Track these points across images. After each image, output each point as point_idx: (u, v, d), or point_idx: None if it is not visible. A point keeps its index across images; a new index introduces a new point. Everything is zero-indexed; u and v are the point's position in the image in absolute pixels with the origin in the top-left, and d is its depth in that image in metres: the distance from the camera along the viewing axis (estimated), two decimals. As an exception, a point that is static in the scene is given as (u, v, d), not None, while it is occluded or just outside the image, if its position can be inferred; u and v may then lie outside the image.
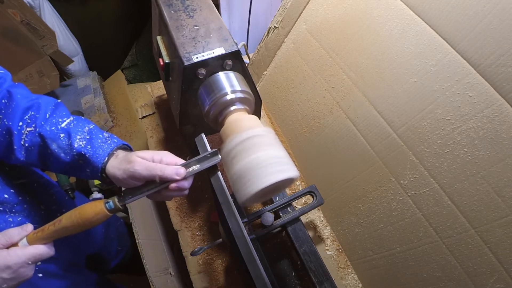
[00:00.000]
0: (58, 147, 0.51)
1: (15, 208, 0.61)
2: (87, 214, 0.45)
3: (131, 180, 0.47)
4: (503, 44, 0.47)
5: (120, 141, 0.54)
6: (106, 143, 0.52)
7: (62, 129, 0.52)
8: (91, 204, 0.46)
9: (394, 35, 0.62)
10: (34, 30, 1.32)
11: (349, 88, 0.71)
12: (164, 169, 0.46)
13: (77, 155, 0.51)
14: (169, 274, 0.89)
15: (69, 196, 0.97)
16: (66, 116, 0.54)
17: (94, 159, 0.50)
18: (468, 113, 0.52)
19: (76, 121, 0.54)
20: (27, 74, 1.42)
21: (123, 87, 1.70)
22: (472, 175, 0.52)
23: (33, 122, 0.52)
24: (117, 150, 0.52)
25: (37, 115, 0.52)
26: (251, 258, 0.46)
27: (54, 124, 0.52)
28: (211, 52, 0.57)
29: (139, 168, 0.46)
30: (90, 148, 0.50)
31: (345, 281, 0.75)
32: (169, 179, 0.47)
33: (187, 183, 0.49)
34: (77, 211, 0.45)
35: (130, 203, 0.48)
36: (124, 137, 1.54)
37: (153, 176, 0.46)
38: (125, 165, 0.48)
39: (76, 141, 0.51)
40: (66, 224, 0.45)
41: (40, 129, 0.51)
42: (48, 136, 0.51)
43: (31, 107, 0.53)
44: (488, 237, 0.51)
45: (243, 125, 0.51)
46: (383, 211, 0.67)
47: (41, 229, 0.46)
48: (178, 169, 0.47)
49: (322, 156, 0.80)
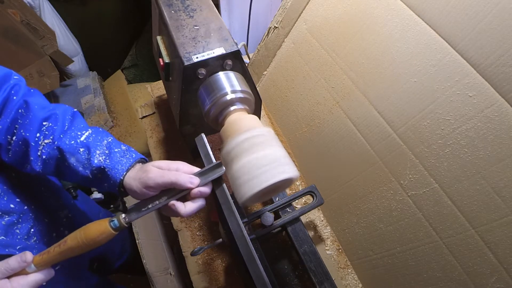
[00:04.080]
0: (77, 161, 0.50)
1: (22, 218, 0.60)
2: (92, 234, 0.44)
3: (146, 190, 0.46)
4: (503, 44, 0.47)
5: (138, 154, 0.53)
6: (125, 157, 0.51)
7: (82, 143, 0.51)
8: (95, 223, 0.45)
9: (394, 35, 0.62)
10: (34, 30, 1.32)
11: (349, 88, 0.71)
12: (178, 176, 0.45)
13: (96, 169, 0.50)
14: (169, 274, 0.89)
15: (72, 195, 0.97)
16: (85, 128, 0.53)
17: (113, 174, 0.49)
18: (468, 113, 0.52)
19: (94, 134, 0.53)
20: (27, 74, 1.42)
21: (123, 87, 1.70)
22: (472, 175, 0.52)
23: (51, 134, 0.51)
24: (135, 164, 0.51)
25: (55, 126, 0.51)
26: (251, 258, 0.46)
27: (73, 137, 0.51)
28: (211, 52, 0.57)
29: (153, 175, 0.45)
30: (109, 162, 0.50)
31: (345, 281, 0.75)
32: (183, 186, 0.46)
33: (208, 189, 0.48)
34: (82, 232, 0.45)
35: (137, 218, 0.47)
36: (124, 137, 1.54)
37: (167, 182, 0.45)
38: (141, 174, 0.47)
39: (96, 156, 0.50)
40: (71, 245, 0.44)
41: (59, 142, 0.50)
42: (67, 150, 0.50)
43: (49, 117, 0.52)
44: (488, 237, 0.51)
45: (243, 125, 0.51)
46: (383, 211, 0.67)
47: (47, 251, 0.46)
48: (192, 177, 0.46)
49: (322, 156, 0.80)
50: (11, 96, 0.53)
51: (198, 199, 0.48)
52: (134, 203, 0.48)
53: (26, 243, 0.60)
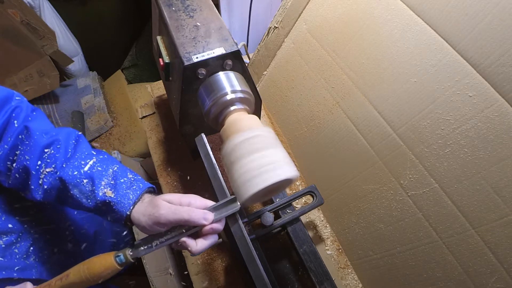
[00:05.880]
0: (80, 192, 0.48)
1: (21, 236, 0.58)
2: (97, 270, 0.43)
3: (156, 226, 0.44)
4: (503, 44, 0.47)
5: (145, 184, 0.50)
6: (131, 188, 0.48)
7: (85, 174, 0.48)
8: (100, 257, 0.44)
9: (394, 35, 0.62)
10: (34, 30, 1.32)
11: (349, 88, 0.71)
12: (191, 212, 0.43)
13: (100, 202, 0.47)
14: (169, 274, 0.89)
15: None
16: (89, 156, 0.50)
17: (119, 208, 0.46)
18: (468, 113, 0.52)
19: (99, 162, 0.50)
20: (27, 74, 1.42)
21: (123, 87, 1.70)
22: (472, 175, 0.52)
23: (52, 162, 0.48)
24: (143, 195, 0.49)
25: (57, 154, 0.49)
26: (251, 258, 0.46)
27: (76, 167, 0.48)
28: (211, 52, 0.57)
29: (165, 212, 0.43)
30: (115, 196, 0.47)
31: (345, 281, 0.75)
32: (196, 223, 0.43)
33: (221, 225, 0.46)
34: (85, 266, 0.43)
35: (145, 255, 0.45)
36: (124, 137, 1.54)
37: (179, 220, 0.43)
38: (150, 210, 0.45)
39: (101, 188, 0.47)
40: (73, 280, 0.43)
41: (61, 172, 0.48)
42: (69, 181, 0.47)
43: (51, 144, 0.49)
44: (488, 237, 0.51)
45: (243, 125, 0.51)
46: (383, 211, 0.67)
47: (47, 284, 0.44)
48: (206, 213, 0.44)
49: (322, 156, 0.80)
50: (11, 120, 0.51)
51: (211, 235, 0.46)
52: (141, 238, 0.46)
53: (25, 262, 0.58)
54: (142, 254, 0.45)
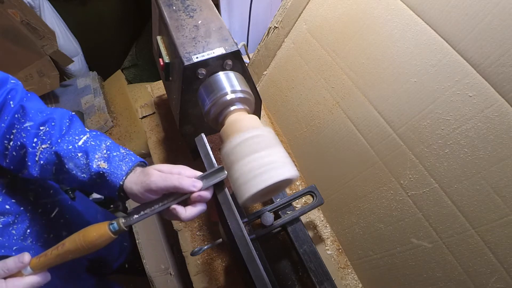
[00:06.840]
0: (75, 166, 0.50)
1: (18, 219, 0.60)
2: (91, 237, 0.44)
3: (148, 193, 0.46)
4: (503, 44, 0.47)
5: (137, 158, 0.53)
6: (124, 161, 0.50)
7: (79, 148, 0.50)
8: (95, 226, 0.45)
9: (394, 35, 0.62)
10: (34, 30, 1.32)
11: (349, 88, 0.71)
12: (181, 180, 0.45)
13: (95, 175, 0.49)
14: (169, 274, 0.89)
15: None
16: (83, 132, 0.53)
17: (112, 179, 0.49)
18: (468, 113, 0.52)
19: (93, 138, 0.52)
20: (27, 74, 1.42)
21: (123, 87, 1.70)
22: (472, 175, 0.52)
23: (48, 139, 0.50)
24: (135, 168, 0.51)
25: (52, 131, 0.51)
26: (251, 258, 0.46)
27: (70, 142, 0.50)
28: (211, 52, 0.57)
29: (156, 179, 0.45)
30: (108, 167, 0.49)
31: (345, 281, 0.75)
32: (186, 190, 0.45)
33: (209, 193, 0.48)
34: (80, 234, 0.44)
35: (137, 222, 0.47)
36: (124, 137, 1.54)
37: (170, 186, 0.45)
38: (142, 178, 0.47)
39: (95, 160, 0.49)
40: (69, 248, 0.44)
41: (56, 147, 0.50)
42: (64, 155, 0.49)
43: (46, 122, 0.51)
44: (488, 237, 0.51)
45: (243, 125, 0.51)
46: (383, 211, 0.67)
47: (44, 253, 0.45)
48: (195, 181, 0.46)
49: (322, 156, 0.80)
50: (7, 101, 0.53)
51: (199, 203, 0.48)
52: (134, 207, 0.48)
53: (23, 244, 0.60)
54: (134, 222, 0.46)
